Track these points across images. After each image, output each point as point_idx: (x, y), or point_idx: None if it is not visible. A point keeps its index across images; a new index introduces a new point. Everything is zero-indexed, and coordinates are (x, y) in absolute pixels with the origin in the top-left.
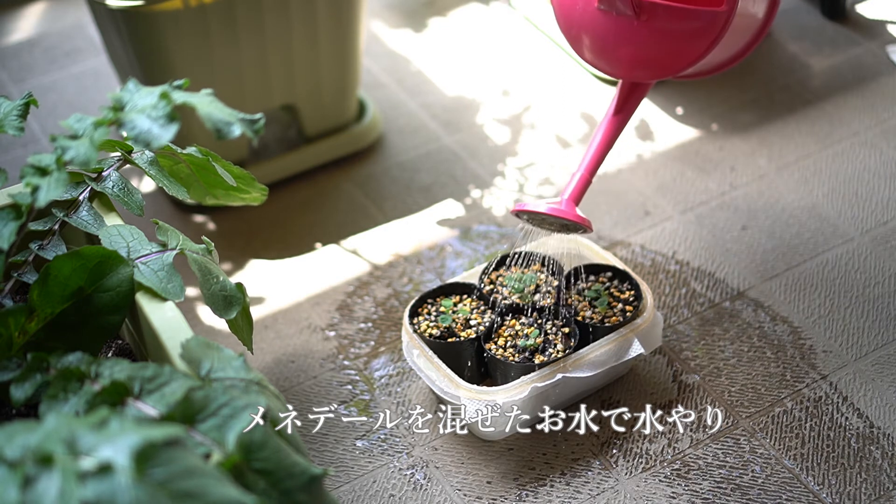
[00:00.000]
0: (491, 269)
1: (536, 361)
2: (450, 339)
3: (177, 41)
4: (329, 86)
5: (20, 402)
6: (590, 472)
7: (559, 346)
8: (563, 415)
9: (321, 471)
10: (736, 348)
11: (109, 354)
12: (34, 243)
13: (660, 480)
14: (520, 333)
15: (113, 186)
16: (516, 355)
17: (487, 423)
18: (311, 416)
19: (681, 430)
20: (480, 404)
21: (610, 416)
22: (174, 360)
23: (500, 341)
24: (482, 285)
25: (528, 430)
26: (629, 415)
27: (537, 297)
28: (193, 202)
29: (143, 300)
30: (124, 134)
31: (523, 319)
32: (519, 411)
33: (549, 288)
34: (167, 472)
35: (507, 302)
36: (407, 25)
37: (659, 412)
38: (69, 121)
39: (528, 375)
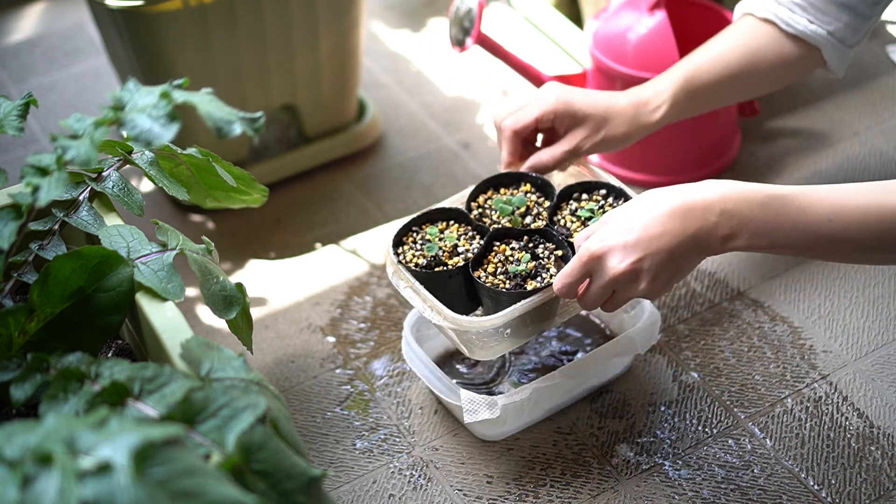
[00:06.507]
0: (478, 192)
1: (528, 287)
2: (437, 269)
3: (177, 41)
4: (329, 86)
5: (20, 402)
6: (590, 472)
7: (552, 271)
8: (562, 415)
9: (320, 472)
10: (736, 348)
11: (109, 354)
12: (34, 243)
13: (660, 480)
14: (510, 259)
15: (113, 186)
16: (507, 282)
17: (487, 423)
18: (311, 416)
19: (681, 430)
20: (481, 404)
21: (610, 416)
22: (174, 360)
23: (490, 268)
24: (469, 210)
25: (528, 430)
26: (629, 415)
27: (528, 219)
28: (193, 203)
29: (143, 300)
30: (124, 134)
31: (514, 244)
32: (519, 411)
33: (540, 209)
34: (166, 471)
35: (496, 226)
36: (407, 25)
37: (659, 412)
38: (69, 120)
39: (530, 384)
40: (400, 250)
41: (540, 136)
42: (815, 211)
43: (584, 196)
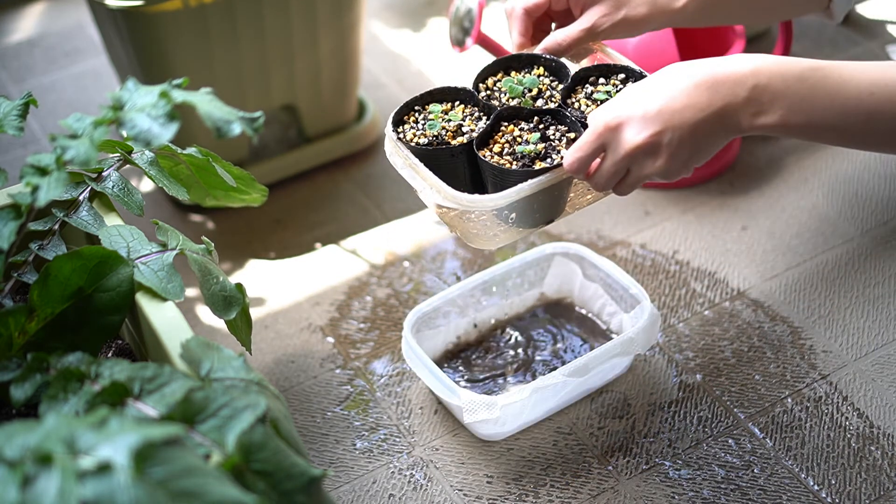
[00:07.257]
0: (487, 74)
1: (536, 167)
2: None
3: (177, 41)
4: (329, 86)
5: (20, 402)
6: (590, 473)
7: (563, 153)
8: (562, 415)
9: (320, 472)
10: (736, 348)
11: (109, 354)
12: (34, 243)
13: (660, 480)
14: (518, 140)
15: (113, 186)
16: (514, 163)
17: (487, 423)
18: (311, 416)
19: (681, 430)
20: (480, 404)
21: (610, 416)
22: (174, 360)
23: (496, 148)
24: (477, 90)
25: (528, 430)
26: (629, 415)
27: (539, 102)
28: (193, 202)
29: (143, 300)
30: (124, 134)
31: (523, 125)
32: (519, 412)
33: (553, 93)
34: (166, 471)
35: (505, 107)
36: (407, 25)
37: (659, 412)
38: (69, 120)
39: (530, 384)
40: (400, 129)
41: (553, 26)
42: (856, 83)
43: (602, 80)
